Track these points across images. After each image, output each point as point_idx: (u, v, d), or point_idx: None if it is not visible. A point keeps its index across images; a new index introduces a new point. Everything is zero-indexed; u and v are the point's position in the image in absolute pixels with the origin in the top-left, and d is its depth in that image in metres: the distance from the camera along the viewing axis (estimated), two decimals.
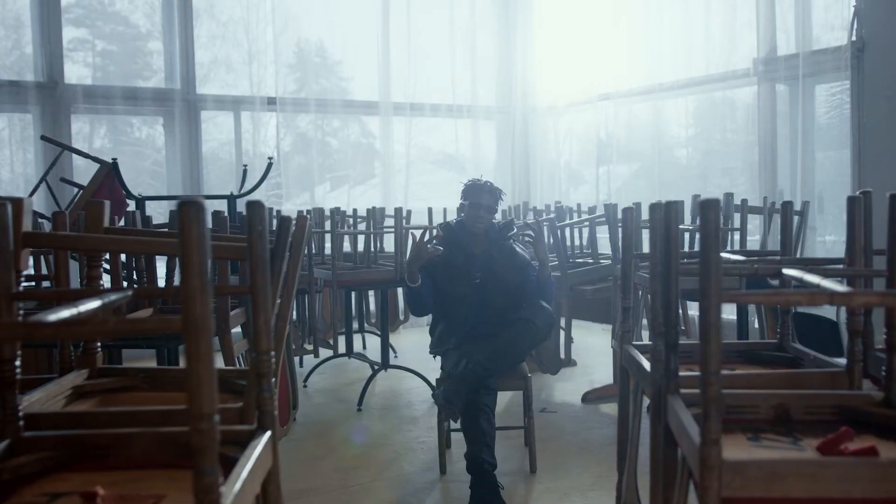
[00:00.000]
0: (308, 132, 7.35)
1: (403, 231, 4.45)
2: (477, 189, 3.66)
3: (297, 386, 3.63)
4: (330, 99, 7.18)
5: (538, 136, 8.03)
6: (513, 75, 8.02)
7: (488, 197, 3.64)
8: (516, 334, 3.34)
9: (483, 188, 3.66)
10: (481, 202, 3.62)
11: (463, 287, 3.59)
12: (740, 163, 6.39)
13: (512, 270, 3.63)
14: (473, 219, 3.63)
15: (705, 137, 6.74)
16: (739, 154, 6.38)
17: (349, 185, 7.53)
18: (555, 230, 4.44)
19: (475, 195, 3.64)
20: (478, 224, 3.62)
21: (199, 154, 6.60)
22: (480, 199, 3.63)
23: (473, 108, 7.80)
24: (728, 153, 6.54)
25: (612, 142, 7.27)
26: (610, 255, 5.20)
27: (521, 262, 3.66)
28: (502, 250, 3.66)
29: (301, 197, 7.21)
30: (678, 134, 6.85)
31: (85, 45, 6.67)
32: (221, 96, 6.75)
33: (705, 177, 6.62)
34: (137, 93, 6.40)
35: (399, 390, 5.02)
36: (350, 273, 4.48)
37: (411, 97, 7.49)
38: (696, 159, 6.81)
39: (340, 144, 7.62)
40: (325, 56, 7.49)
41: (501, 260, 3.64)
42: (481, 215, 3.61)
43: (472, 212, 3.64)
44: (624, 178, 7.25)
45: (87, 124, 6.61)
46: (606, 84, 7.11)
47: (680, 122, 6.80)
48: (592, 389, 4.67)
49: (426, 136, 8.00)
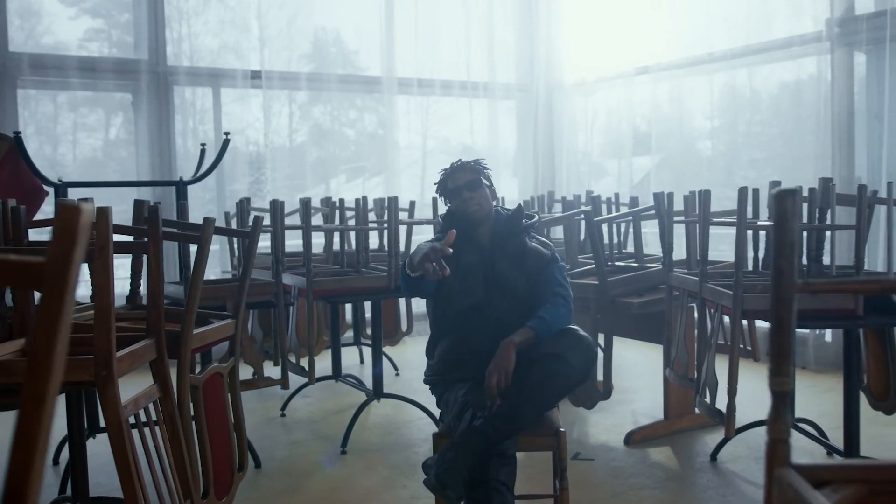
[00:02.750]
0: (324, 123, 6.53)
1: (396, 226, 3.50)
2: (448, 176, 2.79)
3: (245, 435, 2.69)
4: (325, 73, 6.22)
5: (564, 116, 7.03)
6: (535, 47, 7.02)
7: (464, 173, 2.75)
8: (544, 377, 2.35)
9: (454, 170, 2.78)
10: (459, 183, 2.72)
11: (472, 296, 2.64)
12: (810, 145, 5.37)
13: (523, 278, 2.67)
14: (462, 206, 2.72)
15: (770, 116, 5.70)
16: (807, 136, 5.36)
17: (363, 177, 6.63)
18: (591, 227, 3.47)
19: (450, 182, 2.77)
20: (471, 209, 2.70)
21: (170, 135, 5.67)
22: (457, 180, 2.74)
23: (491, 87, 6.82)
24: (793, 134, 5.51)
25: (650, 122, 6.27)
26: (658, 258, 4.24)
27: (533, 264, 2.69)
28: (507, 251, 2.71)
29: (316, 189, 6.36)
30: (743, 110, 5.82)
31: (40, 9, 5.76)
32: (196, 68, 5.80)
33: (762, 164, 5.60)
34: (97, 63, 5.47)
35: (396, 423, 4.07)
36: (330, 280, 3.52)
37: (419, 72, 6.52)
38: (751, 143, 5.78)
39: (357, 135, 6.74)
40: (324, 31, 6.53)
41: (507, 262, 2.68)
42: (467, 196, 2.70)
43: (456, 202, 2.75)
44: (662, 164, 6.24)
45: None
46: (645, 56, 6.12)
47: (747, 96, 5.77)
48: (638, 429, 3.69)
49: (443, 125, 7.03)
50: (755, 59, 5.44)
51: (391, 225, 3.57)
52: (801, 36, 5.10)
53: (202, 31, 5.96)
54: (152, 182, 4.54)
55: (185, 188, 3.74)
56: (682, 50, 5.86)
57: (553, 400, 2.40)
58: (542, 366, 2.37)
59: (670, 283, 3.35)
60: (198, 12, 5.95)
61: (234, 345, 2.57)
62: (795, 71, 5.41)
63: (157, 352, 2.12)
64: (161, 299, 2.11)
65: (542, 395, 2.34)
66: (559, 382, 2.37)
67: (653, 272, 3.67)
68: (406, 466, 3.41)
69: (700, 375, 2.89)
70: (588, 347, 2.44)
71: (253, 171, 6.21)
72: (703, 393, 2.89)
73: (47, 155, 5.49)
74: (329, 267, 4.00)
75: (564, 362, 2.37)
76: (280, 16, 6.20)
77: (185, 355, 2.24)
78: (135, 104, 5.73)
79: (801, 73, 5.36)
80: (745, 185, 2.74)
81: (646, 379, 4.70)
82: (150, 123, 5.63)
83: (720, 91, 5.81)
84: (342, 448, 3.62)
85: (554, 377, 2.35)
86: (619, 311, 3.50)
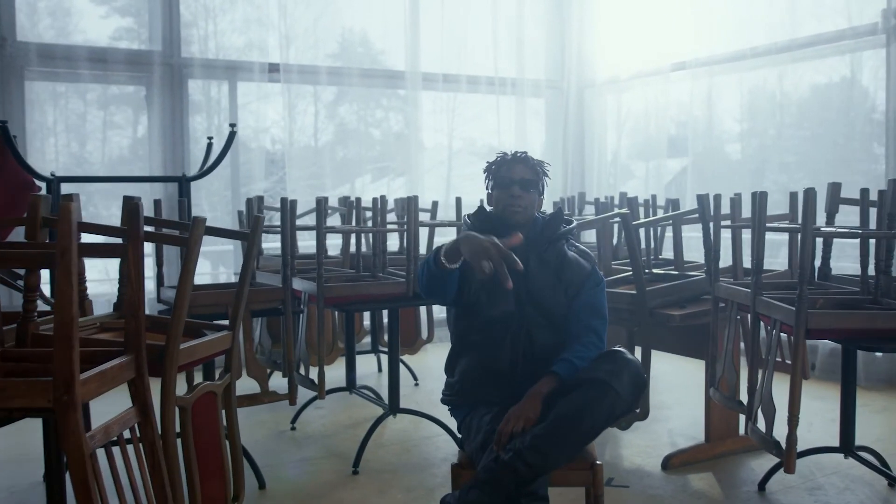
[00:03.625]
0: (349, 122, 6.30)
1: (416, 227, 3.21)
2: (506, 163, 2.44)
3: (241, 461, 2.41)
4: (345, 67, 5.95)
5: (596, 115, 6.71)
6: (567, 43, 6.70)
7: (523, 169, 2.42)
8: (585, 406, 2.05)
9: (515, 160, 2.45)
10: (513, 176, 2.40)
11: (501, 307, 2.34)
12: (856, 145, 5.01)
13: (560, 292, 2.37)
14: (506, 203, 2.39)
15: (813, 115, 5.35)
16: (855, 136, 5.00)
17: (389, 177, 6.37)
18: (629, 231, 3.16)
19: (505, 170, 2.43)
20: (514, 209, 2.38)
21: (183, 130, 5.42)
22: (512, 172, 2.41)
23: (519, 84, 6.51)
24: (840, 134, 5.15)
25: (685, 122, 5.93)
26: (699, 265, 3.93)
27: (572, 277, 2.40)
28: (544, 259, 2.41)
29: (340, 189, 6.16)
30: (774, 113, 5.47)
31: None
32: (212, 61, 5.55)
33: (806, 164, 5.24)
34: (108, 54, 5.23)
35: (413, 440, 3.78)
36: (343, 286, 3.24)
37: (445, 68, 6.24)
38: (797, 143, 5.42)
39: (382, 135, 6.48)
40: (351, 32, 6.26)
41: (544, 272, 2.39)
42: (516, 194, 2.37)
43: (501, 194, 2.41)
44: (691, 167, 5.90)
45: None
46: (682, 51, 5.79)
47: (777, 98, 5.41)
48: (677, 452, 3.37)
49: (469, 126, 6.73)
50: (799, 54, 5.09)
51: (410, 226, 3.28)
52: (854, 28, 4.75)
53: (228, 28, 5.73)
54: (153, 178, 4.29)
55: (189, 185, 3.48)
56: (721, 45, 5.53)
57: (594, 433, 2.10)
58: (583, 393, 2.07)
59: (716, 293, 3.04)
60: (224, 10, 5.72)
61: (229, 360, 2.30)
62: (840, 68, 5.06)
63: (135, 370, 1.85)
64: (140, 310, 1.84)
65: (581, 427, 2.04)
66: (602, 413, 2.06)
67: (695, 281, 3.35)
68: (422, 490, 3.12)
69: (753, 399, 2.58)
70: (636, 373, 2.14)
71: (277, 170, 5.96)
72: (755, 418, 2.57)
73: (55, 149, 5.27)
74: (344, 271, 3.73)
75: (609, 390, 2.06)
76: (306, 14, 5.95)
77: (170, 373, 1.97)
78: (148, 98, 5.49)
79: (847, 70, 5.00)
80: (778, 188, 2.44)
81: (681, 393, 4.37)
82: (164, 118, 5.39)
83: (753, 90, 5.46)
84: (354, 468, 3.33)
85: (596, 406, 2.05)
86: (658, 323, 3.19)
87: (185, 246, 1.95)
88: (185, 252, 1.95)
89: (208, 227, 2.14)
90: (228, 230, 2.47)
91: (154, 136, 5.39)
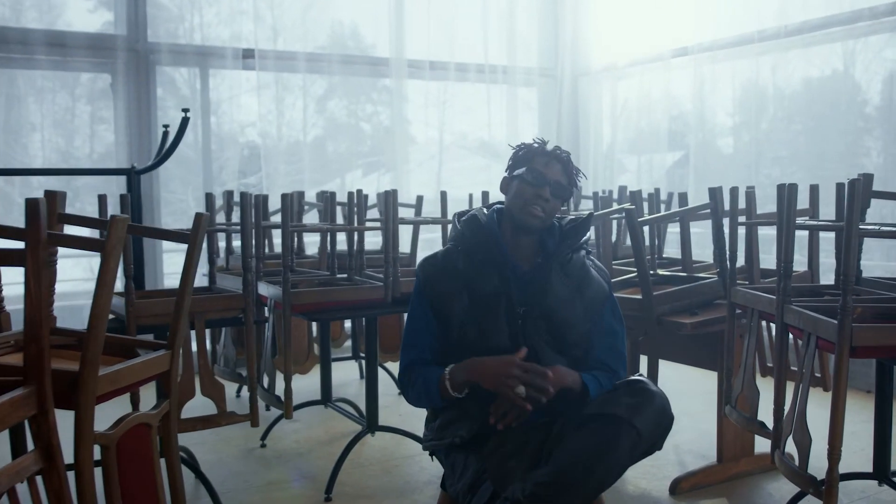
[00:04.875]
0: (340, 117, 5.99)
1: (395, 225, 2.85)
2: (540, 154, 2.06)
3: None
4: (325, 54, 5.58)
5: (591, 105, 6.35)
6: (560, 27, 6.34)
7: (561, 171, 2.05)
8: (598, 448, 1.70)
9: (555, 156, 2.06)
10: (548, 175, 2.02)
11: (496, 338, 1.99)
12: (872, 136, 4.68)
13: (580, 309, 2.03)
14: (528, 201, 2.02)
15: (822, 104, 5.00)
16: (872, 127, 4.67)
17: (379, 171, 6.04)
18: (634, 229, 2.80)
19: (540, 162, 2.05)
20: (533, 211, 2.02)
21: (150, 121, 5.05)
22: (548, 169, 2.03)
23: (510, 71, 6.15)
24: (847, 125, 4.81)
25: (690, 110, 5.59)
26: (707, 265, 3.60)
27: (596, 297, 2.05)
28: (567, 270, 2.05)
29: (329, 184, 5.79)
30: (785, 101, 5.12)
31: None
32: (181, 45, 5.17)
33: (820, 156, 4.90)
34: (67, 38, 4.84)
35: (394, 458, 3.43)
36: (313, 292, 2.87)
37: (431, 54, 5.87)
38: (774, 139, 5.07)
39: (374, 130, 6.13)
40: (330, 14, 5.89)
41: (563, 288, 2.03)
42: (543, 196, 2.00)
43: (527, 189, 2.03)
44: (704, 158, 5.56)
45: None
46: (684, 35, 5.44)
47: (783, 86, 5.06)
48: (687, 475, 3.02)
49: (458, 119, 6.37)
50: (810, 37, 4.74)
51: (388, 223, 2.92)
52: (871, 9, 4.41)
53: (197, 10, 5.35)
54: (96, 171, 3.90)
55: (139, 179, 3.12)
56: (725, 28, 5.18)
57: (608, 481, 1.75)
58: (597, 432, 1.72)
59: (733, 299, 2.69)
60: (210, 2, 5.35)
61: (168, 384, 1.94)
62: (852, 52, 4.72)
63: (36, 405, 1.49)
64: (43, 330, 1.48)
65: (593, 474, 1.69)
66: (619, 457, 1.71)
67: (707, 284, 3.01)
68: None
69: (781, 425, 2.23)
70: (662, 409, 1.79)
71: (265, 165, 5.59)
72: (783, 446, 2.23)
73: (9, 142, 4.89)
74: (317, 274, 3.37)
75: (628, 429, 1.71)
76: (295, 5, 5.58)
77: (85, 405, 1.62)
78: (114, 87, 5.11)
79: (861, 54, 4.66)
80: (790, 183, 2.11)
81: (687, 403, 4.03)
82: (130, 108, 5.01)
83: (761, 78, 5.11)
84: (326, 494, 2.98)
85: (612, 449, 1.70)
86: (667, 332, 2.84)
87: (100, 251, 1.59)
88: (103, 257, 1.59)
89: (140, 228, 1.78)
90: (164, 230, 2.11)
91: (120, 128, 5.02)
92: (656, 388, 1.85)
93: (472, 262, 2.04)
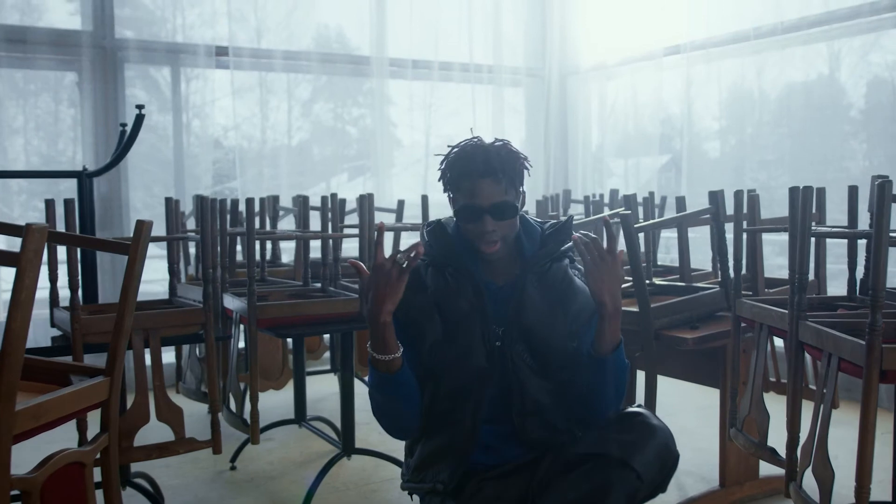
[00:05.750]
0: (326, 120, 5.75)
1: (371, 231, 2.62)
2: (464, 178, 1.74)
3: None
4: (302, 52, 5.34)
5: (580, 105, 6.14)
6: (548, 24, 6.12)
7: (493, 187, 1.72)
8: (592, 493, 1.47)
9: (474, 171, 1.72)
10: (481, 202, 1.72)
11: (472, 361, 1.76)
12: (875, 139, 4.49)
13: (563, 327, 1.79)
14: (475, 239, 1.75)
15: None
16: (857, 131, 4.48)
17: (364, 176, 5.82)
18: (630, 236, 2.58)
19: (467, 190, 1.73)
20: (486, 249, 1.75)
21: (117, 122, 4.79)
22: (479, 195, 1.72)
23: (496, 70, 5.93)
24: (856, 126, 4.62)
25: (678, 112, 5.39)
26: (705, 273, 3.39)
27: (582, 311, 1.81)
28: (546, 282, 1.81)
29: (315, 188, 5.57)
30: (770, 104, 4.92)
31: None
32: (150, 42, 4.92)
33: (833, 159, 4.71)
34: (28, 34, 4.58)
35: (373, 482, 3.19)
36: (280, 306, 2.63)
37: (414, 53, 5.65)
38: (760, 143, 4.87)
39: (360, 133, 5.91)
40: (327, 28, 5.68)
41: (542, 302, 1.79)
42: (489, 229, 1.72)
43: (466, 227, 1.76)
44: (698, 161, 5.36)
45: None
46: (676, 33, 5.24)
47: (768, 89, 4.86)
48: (687, 501, 2.81)
49: (444, 123, 6.14)
50: (811, 34, 4.55)
51: (364, 230, 2.69)
52: (872, 4, 4.22)
53: (196, 22, 5.11)
54: (42, 173, 3.63)
55: (91, 182, 2.87)
56: (720, 26, 4.98)
57: None
58: (592, 475, 1.50)
59: (738, 312, 2.47)
60: (192, 4, 5.11)
61: (106, 416, 1.70)
62: (837, 56, 4.55)
63: None
64: None
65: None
66: (618, 499, 1.48)
67: (709, 296, 2.79)
68: None
69: (797, 455, 2.01)
70: (665, 446, 1.57)
71: (248, 168, 5.35)
72: (800, 479, 2.01)
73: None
74: (290, 285, 3.13)
75: (625, 471, 1.48)
76: (273, 2, 5.34)
77: (2, 444, 1.38)
78: (80, 85, 4.86)
79: (847, 58, 4.48)
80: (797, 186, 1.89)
81: (685, 419, 3.82)
82: (97, 108, 4.76)
83: (743, 81, 4.92)
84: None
85: (606, 496, 1.47)
86: (666, 347, 2.62)
87: (15, 265, 1.35)
88: (17, 273, 1.35)
89: (68, 237, 1.55)
90: (100, 240, 1.86)
91: (87, 129, 4.77)
92: (657, 422, 1.62)
93: (442, 277, 1.80)
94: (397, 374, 1.67)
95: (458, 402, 1.75)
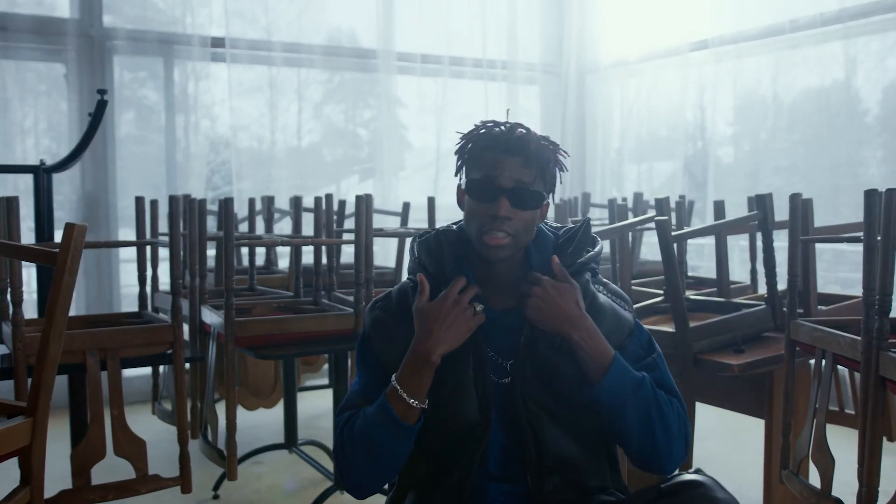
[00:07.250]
0: (338, 123, 5.53)
1: (368, 237, 2.28)
2: (489, 147, 1.38)
3: None
4: (304, 44, 5.01)
5: (599, 105, 5.79)
6: (566, 19, 5.78)
7: (519, 166, 1.36)
8: None
9: (508, 146, 1.36)
10: (500, 178, 1.36)
11: (467, 403, 1.40)
12: None
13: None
14: (482, 225, 1.37)
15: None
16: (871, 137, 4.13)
17: (374, 178, 5.52)
18: (666, 245, 2.24)
19: (488, 162, 1.37)
20: (490, 241, 1.36)
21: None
22: (499, 168, 1.36)
23: (510, 66, 5.59)
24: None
25: (709, 111, 5.04)
26: (744, 286, 3.05)
27: (613, 335, 1.42)
28: None
29: (324, 191, 5.24)
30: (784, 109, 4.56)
31: None
32: (141, 32, 4.60)
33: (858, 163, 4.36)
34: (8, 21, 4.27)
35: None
36: (263, 322, 2.29)
37: (424, 47, 5.32)
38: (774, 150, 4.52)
39: (372, 136, 5.62)
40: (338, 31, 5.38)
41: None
42: (500, 215, 1.35)
43: (477, 207, 1.38)
44: (712, 166, 5.01)
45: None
46: (704, 28, 4.89)
47: (783, 95, 4.51)
48: None
49: (457, 124, 5.78)
50: (851, 27, 4.20)
51: (361, 236, 2.35)
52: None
53: (204, 22, 4.82)
54: (6, 168, 3.28)
55: (50, 177, 2.54)
56: (752, 20, 4.64)
57: None
58: None
59: (793, 336, 2.13)
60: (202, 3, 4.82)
61: (27, 467, 1.36)
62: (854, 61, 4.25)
63: None
64: None
65: None
66: None
67: (754, 314, 2.44)
68: None
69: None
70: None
71: (258, 170, 5.06)
72: None
73: None
74: (281, 295, 2.80)
75: None
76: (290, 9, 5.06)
77: None
78: (67, 77, 4.55)
79: (863, 63, 4.13)
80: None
81: (718, 444, 3.47)
82: (83, 101, 4.45)
83: (759, 83, 4.57)
84: None
85: None
86: (707, 373, 2.28)
87: None
88: None
89: None
90: (23, 247, 1.53)
91: (73, 122, 4.46)
92: (723, 495, 1.26)
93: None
94: (414, 425, 1.35)
95: (447, 459, 1.40)
